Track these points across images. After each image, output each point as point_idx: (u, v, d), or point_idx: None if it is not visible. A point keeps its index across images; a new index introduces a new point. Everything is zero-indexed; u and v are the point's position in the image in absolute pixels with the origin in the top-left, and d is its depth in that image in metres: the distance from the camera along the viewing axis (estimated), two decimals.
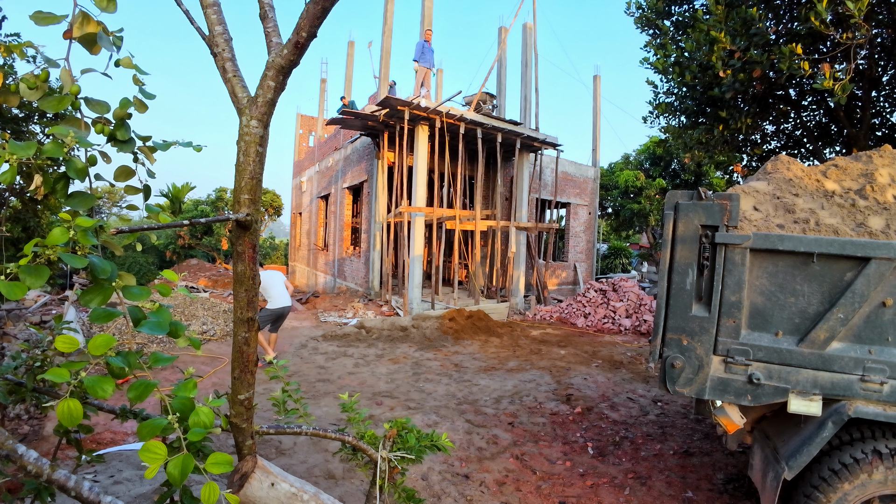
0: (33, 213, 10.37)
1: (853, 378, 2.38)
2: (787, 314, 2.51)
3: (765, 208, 2.79)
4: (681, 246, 2.62)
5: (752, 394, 2.54)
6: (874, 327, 2.40)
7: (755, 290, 2.55)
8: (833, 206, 2.76)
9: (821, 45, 6.06)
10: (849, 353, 2.40)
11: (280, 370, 2.17)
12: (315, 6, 1.31)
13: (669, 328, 2.67)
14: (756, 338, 2.55)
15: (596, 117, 17.02)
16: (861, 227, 2.57)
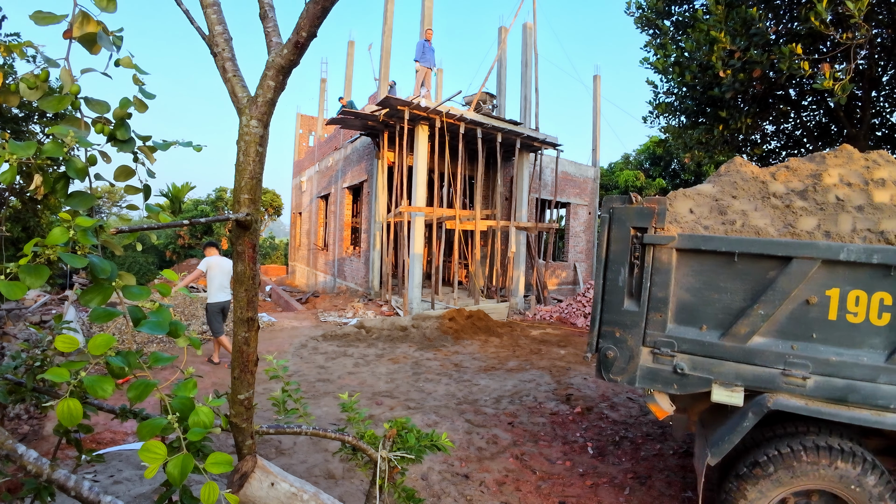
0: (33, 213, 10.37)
1: (775, 372, 2.46)
2: (712, 310, 2.63)
3: (700, 210, 2.89)
4: (614, 246, 2.81)
5: (677, 383, 2.68)
6: (799, 324, 2.47)
7: (682, 287, 2.69)
8: (767, 208, 2.83)
9: (821, 45, 6.06)
10: (771, 348, 2.48)
11: (280, 370, 2.17)
12: (315, 6, 1.31)
13: (604, 321, 2.85)
14: (682, 331, 2.68)
15: (596, 117, 17.02)
16: (788, 228, 2.65)
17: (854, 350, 2.37)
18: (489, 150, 13.13)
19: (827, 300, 2.40)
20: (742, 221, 2.74)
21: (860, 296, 2.36)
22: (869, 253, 2.29)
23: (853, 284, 2.36)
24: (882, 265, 2.27)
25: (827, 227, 2.59)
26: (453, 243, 13.88)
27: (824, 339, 2.42)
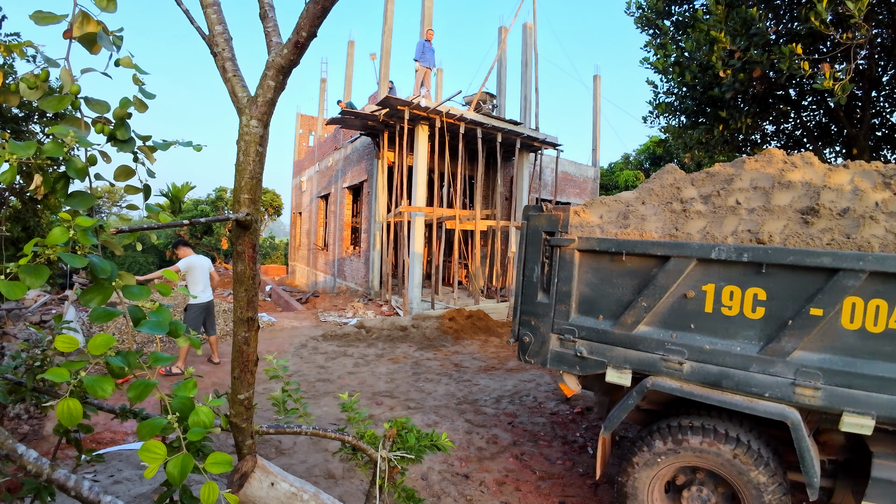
0: (33, 213, 10.37)
1: (656, 357, 2.74)
2: (607, 302, 2.98)
3: (609, 216, 3.21)
4: (530, 247, 3.21)
5: (579, 365, 3.05)
6: (677, 315, 2.72)
7: (583, 282, 3.07)
8: (665, 212, 3.08)
9: (821, 45, 6.06)
10: (653, 336, 2.77)
11: (280, 370, 2.17)
12: (315, 6, 1.31)
13: (523, 311, 3.27)
14: (582, 320, 3.06)
15: (596, 117, 17.02)
16: (673, 230, 2.90)
17: (728, 340, 2.57)
18: (489, 150, 13.13)
19: (703, 294, 2.64)
20: (636, 225, 3.04)
21: (734, 291, 2.56)
22: (739, 252, 2.49)
23: (727, 281, 2.57)
24: (753, 263, 2.46)
25: (710, 229, 2.81)
26: (453, 243, 13.88)
27: (700, 330, 2.65)
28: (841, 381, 2.31)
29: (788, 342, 2.41)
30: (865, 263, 2.23)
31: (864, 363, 2.29)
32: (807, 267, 2.36)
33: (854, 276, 2.26)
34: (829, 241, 2.44)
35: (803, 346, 2.40)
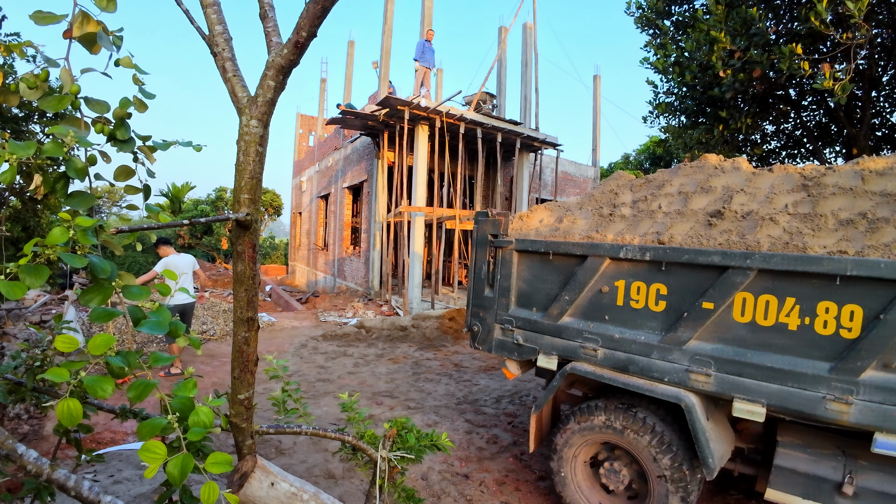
0: (33, 213, 10.36)
1: (576, 344, 3.05)
2: (538, 295, 3.31)
3: (548, 219, 3.55)
4: (479, 248, 3.58)
5: (517, 351, 3.40)
6: (594, 308, 3.04)
7: (520, 279, 3.41)
8: (594, 216, 3.38)
9: (821, 45, 6.05)
10: (574, 326, 3.08)
11: (280, 370, 2.17)
12: (315, 6, 1.31)
13: (473, 304, 3.65)
14: (519, 312, 3.40)
15: (596, 117, 17.02)
16: (595, 232, 3.20)
17: (635, 330, 2.85)
18: (489, 150, 13.13)
19: (616, 290, 2.93)
20: (566, 228, 3.37)
21: (640, 286, 2.84)
22: (643, 251, 2.77)
23: (635, 277, 2.85)
24: (655, 261, 2.72)
25: (625, 231, 3.09)
26: (453, 243, 13.88)
27: (612, 321, 2.95)
28: (732, 370, 2.48)
29: (685, 332, 2.62)
30: (752, 261, 2.39)
31: (755, 354, 2.44)
32: (699, 264, 2.58)
33: (742, 273, 2.43)
34: (724, 241, 2.59)
35: (698, 336, 2.60)
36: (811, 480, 2.43)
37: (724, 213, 2.77)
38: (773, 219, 2.58)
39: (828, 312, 2.27)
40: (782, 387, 2.34)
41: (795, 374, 2.31)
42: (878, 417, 2.13)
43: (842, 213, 2.49)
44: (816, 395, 2.26)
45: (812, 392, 2.27)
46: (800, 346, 2.34)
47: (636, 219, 3.14)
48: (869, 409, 2.15)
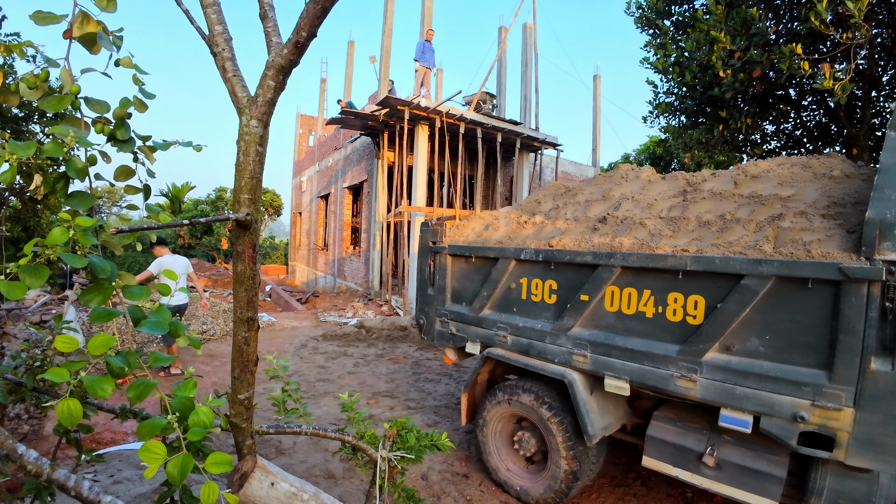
0: (33, 213, 10.36)
1: (492, 332, 3.53)
2: (467, 292, 3.82)
3: (478, 227, 4.03)
4: (422, 253, 4.13)
5: (452, 340, 3.91)
6: (505, 301, 3.52)
7: (453, 279, 3.94)
8: (513, 223, 3.80)
9: (821, 45, 6.05)
10: (491, 317, 3.57)
11: (280, 370, 2.17)
12: (315, 6, 1.31)
13: (419, 301, 4.21)
14: (453, 307, 3.92)
15: (596, 117, 17.02)
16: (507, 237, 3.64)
17: (534, 320, 3.31)
18: (489, 150, 13.13)
19: (521, 286, 3.41)
20: (489, 234, 3.82)
21: (538, 282, 3.30)
22: (537, 253, 3.22)
23: (534, 275, 3.31)
24: (546, 261, 3.17)
25: (533, 236, 3.49)
26: None
27: (518, 312, 3.43)
28: (603, 352, 2.88)
29: (569, 320, 3.06)
30: (615, 260, 2.79)
31: (621, 338, 2.83)
32: (578, 263, 3.01)
33: (609, 270, 2.83)
34: (599, 243, 2.98)
35: (578, 323, 3.03)
36: (678, 450, 2.71)
37: (608, 219, 3.16)
38: (642, 223, 2.96)
39: (676, 302, 2.62)
40: (641, 366, 2.70)
41: (651, 355, 2.66)
42: (720, 394, 2.41)
43: (705, 215, 2.80)
44: (668, 373, 2.59)
45: (664, 370, 2.61)
46: (655, 331, 2.69)
47: (543, 225, 3.57)
48: (712, 386, 2.44)
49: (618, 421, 3.19)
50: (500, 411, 3.51)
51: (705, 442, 2.65)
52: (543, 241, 3.33)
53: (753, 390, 2.33)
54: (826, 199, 2.54)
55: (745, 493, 2.47)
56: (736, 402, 2.37)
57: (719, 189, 2.98)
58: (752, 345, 2.37)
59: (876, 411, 2.05)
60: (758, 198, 2.74)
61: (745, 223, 2.58)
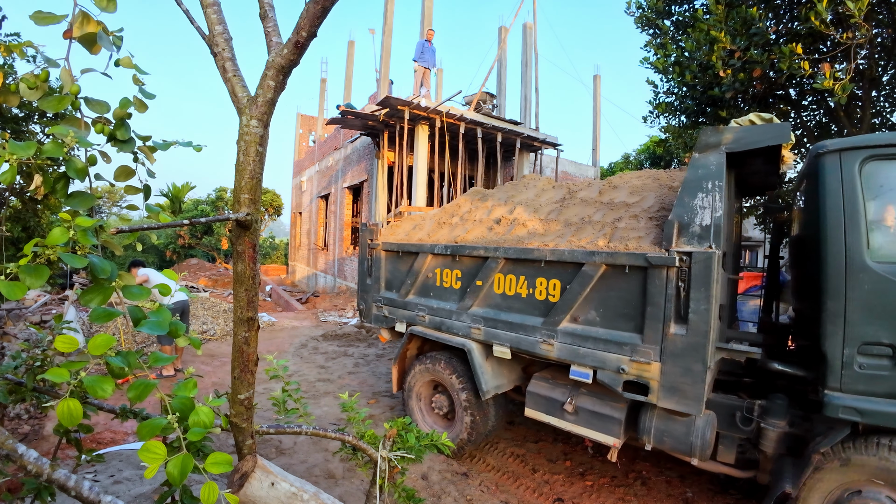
0: (33, 213, 10.35)
1: (415, 314, 4.24)
2: (397, 281, 4.53)
3: (408, 226, 4.79)
4: (363, 248, 4.87)
5: (385, 322, 4.62)
6: (425, 288, 4.22)
7: (387, 270, 4.67)
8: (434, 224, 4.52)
9: (821, 44, 6.05)
10: (414, 301, 4.27)
11: (280, 370, 2.17)
12: (315, 6, 1.31)
13: (360, 290, 4.96)
14: (386, 294, 4.64)
15: (596, 117, 17.02)
16: (427, 236, 4.37)
17: (445, 302, 4.02)
18: (489, 150, 13.12)
19: (435, 275, 4.12)
20: (413, 234, 4.55)
21: (448, 272, 4.00)
22: (446, 248, 3.95)
23: (445, 266, 4.04)
24: (452, 254, 3.91)
25: (444, 234, 4.24)
26: None
27: (434, 296, 4.13)
28: (492, 325, 3.60)
29: (469, 301, 3.77)
30: (499, 253, 3.51)
31: (504, 314, 3.55)
32: (474, 256, 3.71)
33: (496, 261, 3.54)
34: (491, 239, 3.74)
35: (476, 304, 3.76)
36: (549, 401, 3.42)
37: (501, 220, 3.93)
38: (524, 223, 3.70)
39: (541, 285, 3.33)
40: (517, 335, 3.43)
41: (524, 326, 3.38)
42: (570, 354, 3.13)
43: (572, 218, 3.52)
44: (535, 339, 3.30)
45: (533, 338, 3.32)
46: (527, 307, 3.41)
47: (456, 225, 4.28)
48: (565, 348, 3.15)
49: (510, 382, 3.89)
50: (422, 378, 4.24)
51: (567, 394, 3.32)
52: (453, 238, 4.06)
53: (591, 350, 3.02)
54: (658, 205, 3.17)
55: (595, 433, 3.15)
56: (580, 360, 3.08)
57: (587, 197, 3.71)
58: (591, 316, 3.08)
59: (675, 365, 2.64)
60: (611, 204, 3.47)
61: (595, 224, 3.31)
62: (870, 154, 2.51)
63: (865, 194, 2.49)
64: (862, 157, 2.52)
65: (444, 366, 4.01)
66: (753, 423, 2.92)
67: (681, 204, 2.72)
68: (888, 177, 2.49)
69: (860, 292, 2.42)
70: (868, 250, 2.44)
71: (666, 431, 2.88)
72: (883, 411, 2.37)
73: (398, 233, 4.76)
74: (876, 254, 2.42)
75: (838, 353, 2.48)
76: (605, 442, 3.11)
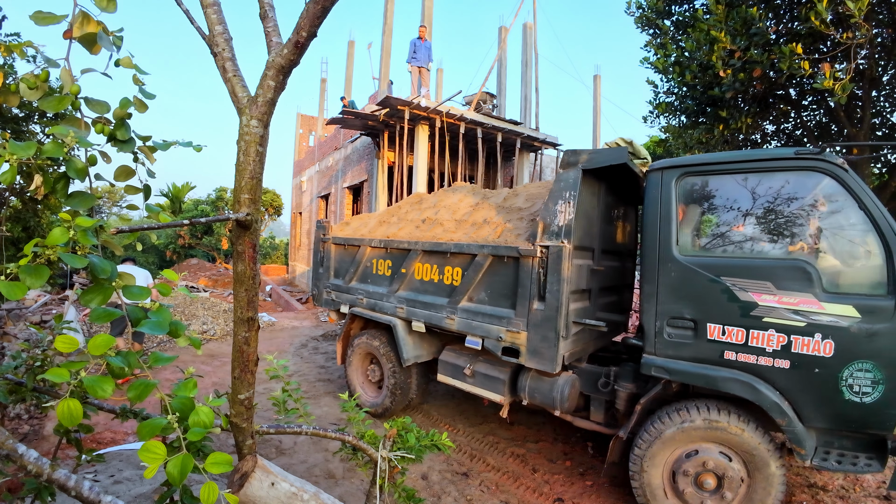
0: (33, 213, 10.35)
1: (355, 297, 4.94)
2: (342, 270, 5.24)
3: (357, 224, 5.57)
4: (316, 243, 5.59)
5: (333, 305, 5.31)
6: (364, 276, 4.93)
7: (335, 261, 5.38)
8: (376, 223, 5.27)
9: (821, 44, 6.04)
10: (356, 286, 4.96)
11: (280, 370, 2.17)
12: (315, 6, 1.31)
13: (314, 277, 5.67)
14: (335, 281, 5.33)
15: (596, 117, 17.01)
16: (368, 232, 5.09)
17: (378, 287, 4.71)
18: (489, 150, 13.12)
19: (372, 264, 4.82)
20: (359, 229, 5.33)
21: (381, 262, 4.72)
22: (380, 242, 4.65)
23: (379, 257, 4.73)
24: (385, 248, 4.61)
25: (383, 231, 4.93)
26: None
27: (371, 283, 4.83)
28: (412, 305, 4.28)
29: (395, 286, 4.45)
30: (418, 246, 4.22)
31: (421, 296, 4.24)
32: (400, 248, 4.42)
33: (416, 253, 4.25)
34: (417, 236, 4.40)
35: (401, 288, 4.42)
36: (454, 368, 4.11)
37: (426, 220, 4.66)
38: (441, 223, 4.44)
39: (448, 272, 4.03)
40: (430, 312, 4.12)
41: (435, 305, 4.07)
42: (466, 326, 3.82)
43: (478, 219, 4.20)
44: (442, 315, 3.99)
45: (440, 314, 4.01)
46: (438, 290, 4.11)
47: (393, 224, 4.99)
48: (462, 322, 3.84)
49: (428, 354, 4.49)
50: (360, 352, 5.03)
51: (468, 362, 4.00)
52: (387, 234, 4.79)
53: (481, 323, 3.71)
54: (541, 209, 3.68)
55: (487, 392, 3.83)
56: (473, 331, 3.77)
57: (494, 202, 4.39)
58: (481, 296, 3.79)
59: (536, 333, 3.33)
60: (510, 208, 4.13)
61: (492, 224, 3.99)
62: (684, 171, 3.09)
63: (677, 203, 3.08)
64: (678, 175, 3.10)
65: (375, 340, 4.77)
66: (610, 387, 3.52)
67: (546, 209, 3.35)
68: (694, 190, 3.13)
69: (668, 278, 3.02)
70: (676, 246, 3.03)
71: (535, 389, 3.57)
72: (684, 370, 2.94)
73: (346, 230, 5.48)
74: (681, 249, 3.03)
75: (653, 325, 3.07)
76: (495, 399, 3.78)
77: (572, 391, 3.48)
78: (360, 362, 5.08)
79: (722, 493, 2.81)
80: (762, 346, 2.72)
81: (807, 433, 2.66)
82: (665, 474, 3.00)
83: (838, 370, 2.55)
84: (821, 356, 2.58)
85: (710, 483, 2.85)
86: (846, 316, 2.53)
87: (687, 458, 2.92)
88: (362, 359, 5.05)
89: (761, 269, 2.75)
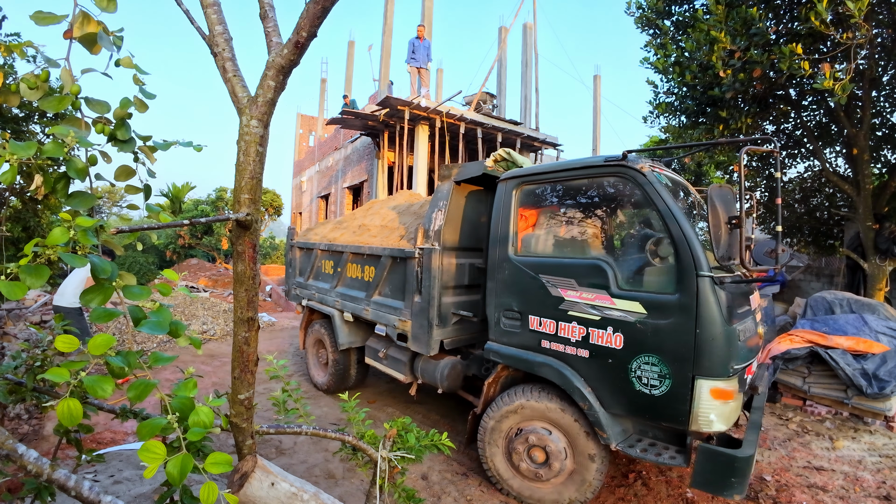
0: (33, 213, 10.35)
1: (311, 292, 5.71)
2: (304, 270, 6.03)
3: (321, 230, 6.16)
4: (287, 248, 6.43)
5: (297, 300, 6.15)
6: (317, 274, 5.73)
7: (299, 262, 6.24)
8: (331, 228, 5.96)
9: (821, 45, 6.04)
10: (312, 284, 5.78)
11: (280, 370, 2.17)
12: (315, 6, 1.31)
13: (286, 276, 6.48)
14: (299, 279, 6.14)
15: (596, 117, 17.02)
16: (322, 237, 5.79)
17: (325, 283, 5.47)
18: (490, 150, 13.11)
19: (323, 264, 5.59)
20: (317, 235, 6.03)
21: (327, 262, 5.48)
22: (325, 246, 5.46)
23: (327, 259, 5.48)
24: (329, 250, 5.38)
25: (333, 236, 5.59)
26: None
27: (321, 280, 5.62)
28: (345, 299, 5.01)
29: (335, 282, 5.22)
30: (348, 249, 4.94)
31: (350, 291, 4.98)
32: (336, 251, 5.21)
33: (347, 255, 4.99)
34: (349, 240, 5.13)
35: (339, 284, 5.19)
36: (375, 351, 4.74)
37: (361, 226, 5.31)
38: (369, 229, 5.10)
39: (366, 270, 4.71)
40: (354, 304, 4.83)
41: (358, 299, 4.78)
42: (376, 316, 4.47)
43: (398, 224, 4.76)
44: (361, 307, 4.69)
45: (360, 306, 4.71)
46: (360, 286, 4.81)
47: (341, 229, 5.66)
48: (374, 312, 4.51)
49: (360, 340, 5.14)
50: (312, 338, 5.84)
51: (384, 347, 4.61)
52: (331, 238, 5.51)
53: (384, 314, 4.33)
54: None
55: (394, 372, 4.44)
56: (380, 320, 4.41)
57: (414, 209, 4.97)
58: (386, 290, 4.43)
59: (417, 321, 3.91)
60: (420, 215, 4.64)
61: (400, 230, 4.58)
62: (521, 181, 3.42)
63: (516, 209, 3.44)
64: (516, 184, 3.44)
65: (323, 329, 5.53)
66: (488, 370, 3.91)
67: (426, 216, 3.86)
68: (529, 197, 3.47)
69: (504, 275, 3.39)
70: (512, 247, 3.39)
71: (425, 370, 4.15)
72: (513, 355, 3.32)
73: (309, 235, 6.23)
74: (514, 249, 3.40)
75: (492, 316, 3.47)
76: (400, 378, 4.38)
77: (452, 372, 3.96)
78: (313, 347, 5.85)
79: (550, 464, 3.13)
80: (568, 336, 3.04)
81: (611, 419, 2.87)
82: (502, 450, 3.36)
83: (628, 362, 2.75)
84: (612, 348, 2.82)
85: (538, 457, 3.17)
86: (633, 311, 2.74)
87: (517, 434, 3.25)
88: (314, 344, 5.82)
89: (569, 268, 3.07)
